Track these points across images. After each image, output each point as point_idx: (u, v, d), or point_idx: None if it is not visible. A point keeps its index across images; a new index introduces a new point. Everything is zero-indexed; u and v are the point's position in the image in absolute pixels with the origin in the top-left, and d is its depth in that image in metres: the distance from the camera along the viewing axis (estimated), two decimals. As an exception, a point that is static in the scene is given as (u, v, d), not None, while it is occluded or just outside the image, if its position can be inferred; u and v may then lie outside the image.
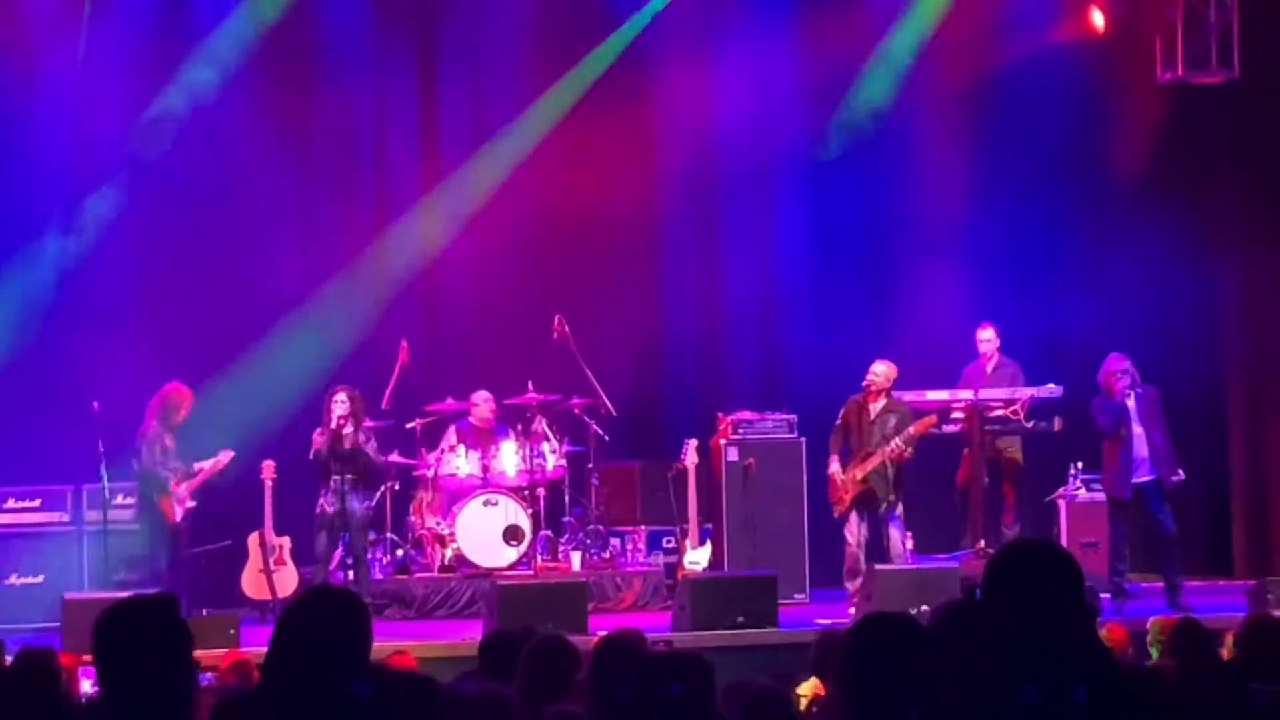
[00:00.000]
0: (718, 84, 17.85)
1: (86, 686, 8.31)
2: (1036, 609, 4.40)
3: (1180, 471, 14.58)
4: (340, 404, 14.06)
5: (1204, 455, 17.35)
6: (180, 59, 16.70)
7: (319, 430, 14.15)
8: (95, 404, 14.38)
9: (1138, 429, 14.35)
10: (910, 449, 14.48)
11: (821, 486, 14.94)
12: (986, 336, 16.01)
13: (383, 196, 17.66)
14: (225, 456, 14.59)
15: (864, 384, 14.65)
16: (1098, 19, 17.40)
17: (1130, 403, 14.31)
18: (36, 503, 15.43)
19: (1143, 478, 14.42)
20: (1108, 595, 14.02)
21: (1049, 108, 17.59)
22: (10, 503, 15.30)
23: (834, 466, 14.68)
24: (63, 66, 16.49)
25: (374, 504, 15.26)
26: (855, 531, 14.62)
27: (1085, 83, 17.62)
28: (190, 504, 14.38)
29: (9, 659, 8.37)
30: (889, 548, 14.58)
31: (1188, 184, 17.66)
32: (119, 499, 14.87)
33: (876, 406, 14.61)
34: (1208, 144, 17.73)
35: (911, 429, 14.47)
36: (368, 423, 14.58)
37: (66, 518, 15.44)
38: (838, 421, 14.80)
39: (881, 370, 14.66)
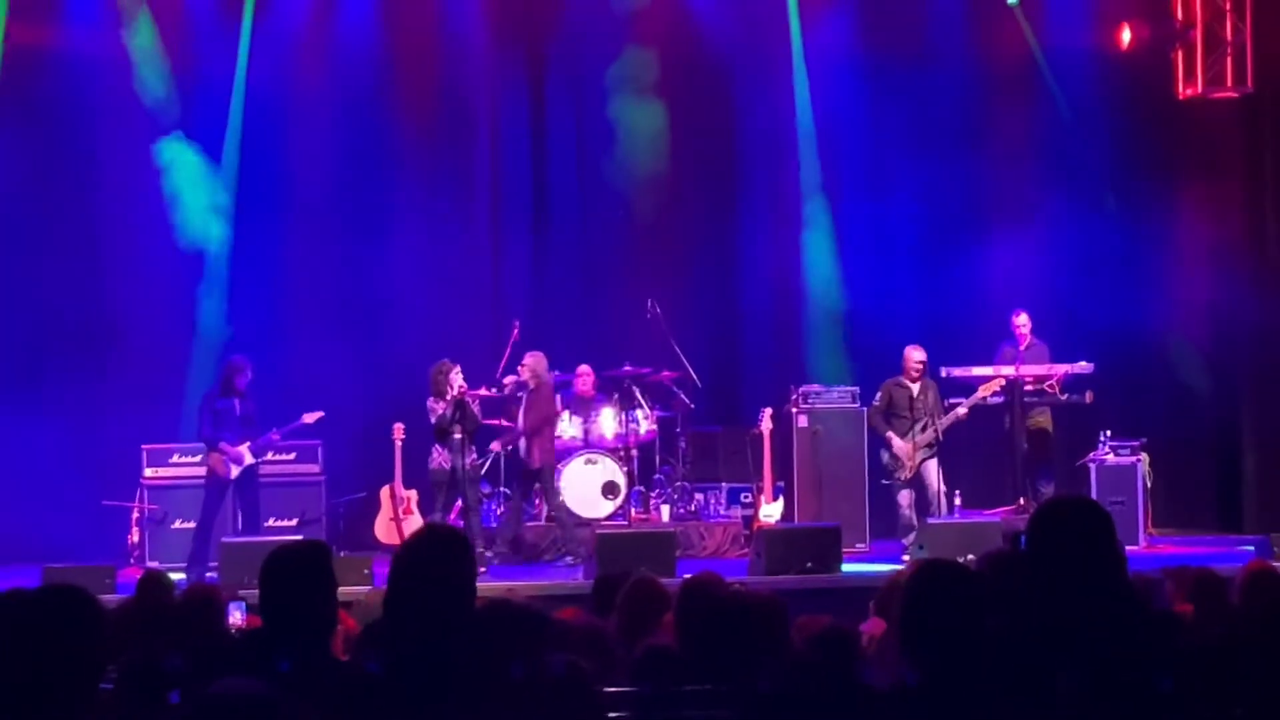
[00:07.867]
0: (794, 82, 17.75)
1: (236, 618, 8.37)
2: (1075, 555, 4.40)
3: None
4: (459, 375, 14.19)
5: (1216, 415, 17.31)
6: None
7: (432, 399, 14.26)
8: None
9: None
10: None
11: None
12: (1022, 321, 16.04)
13: (497, 199, 17.72)
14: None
15: (918, 367, 14.78)
16: (1126, 36, 17.25)
17: None
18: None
19: None
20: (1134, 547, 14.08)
21: (1085, 117, 17.46)
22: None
23: (898, 442, 14.77)
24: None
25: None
26: (907, 496, 14.76)
27: (1114, 96, 17.48)
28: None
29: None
30: (929, 483, 14.69)
31: (1205, 188, 17.46)
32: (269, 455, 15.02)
33: (916, 385, 14.82)
34: (1223, 154, 17.51)
35: (981, 392, 15.00)
36: (481, 391, 14.71)
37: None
38: (879, 403, 14.97)
39: (922, 356, 14.87)
